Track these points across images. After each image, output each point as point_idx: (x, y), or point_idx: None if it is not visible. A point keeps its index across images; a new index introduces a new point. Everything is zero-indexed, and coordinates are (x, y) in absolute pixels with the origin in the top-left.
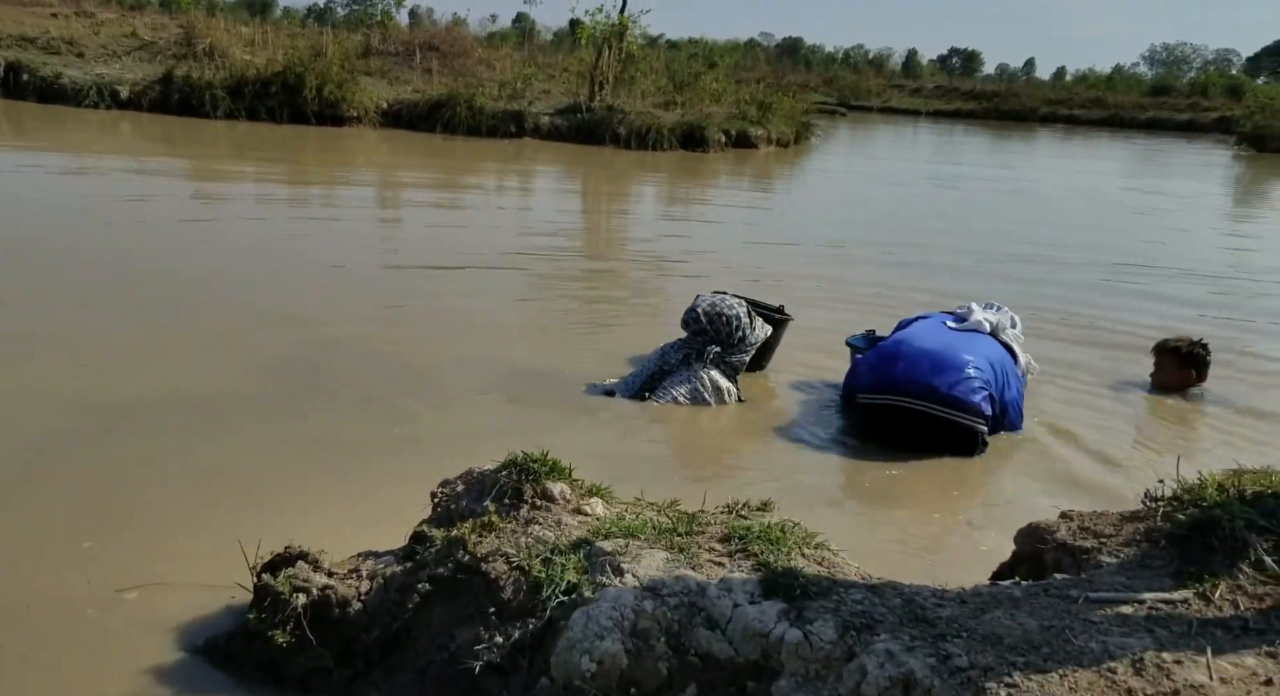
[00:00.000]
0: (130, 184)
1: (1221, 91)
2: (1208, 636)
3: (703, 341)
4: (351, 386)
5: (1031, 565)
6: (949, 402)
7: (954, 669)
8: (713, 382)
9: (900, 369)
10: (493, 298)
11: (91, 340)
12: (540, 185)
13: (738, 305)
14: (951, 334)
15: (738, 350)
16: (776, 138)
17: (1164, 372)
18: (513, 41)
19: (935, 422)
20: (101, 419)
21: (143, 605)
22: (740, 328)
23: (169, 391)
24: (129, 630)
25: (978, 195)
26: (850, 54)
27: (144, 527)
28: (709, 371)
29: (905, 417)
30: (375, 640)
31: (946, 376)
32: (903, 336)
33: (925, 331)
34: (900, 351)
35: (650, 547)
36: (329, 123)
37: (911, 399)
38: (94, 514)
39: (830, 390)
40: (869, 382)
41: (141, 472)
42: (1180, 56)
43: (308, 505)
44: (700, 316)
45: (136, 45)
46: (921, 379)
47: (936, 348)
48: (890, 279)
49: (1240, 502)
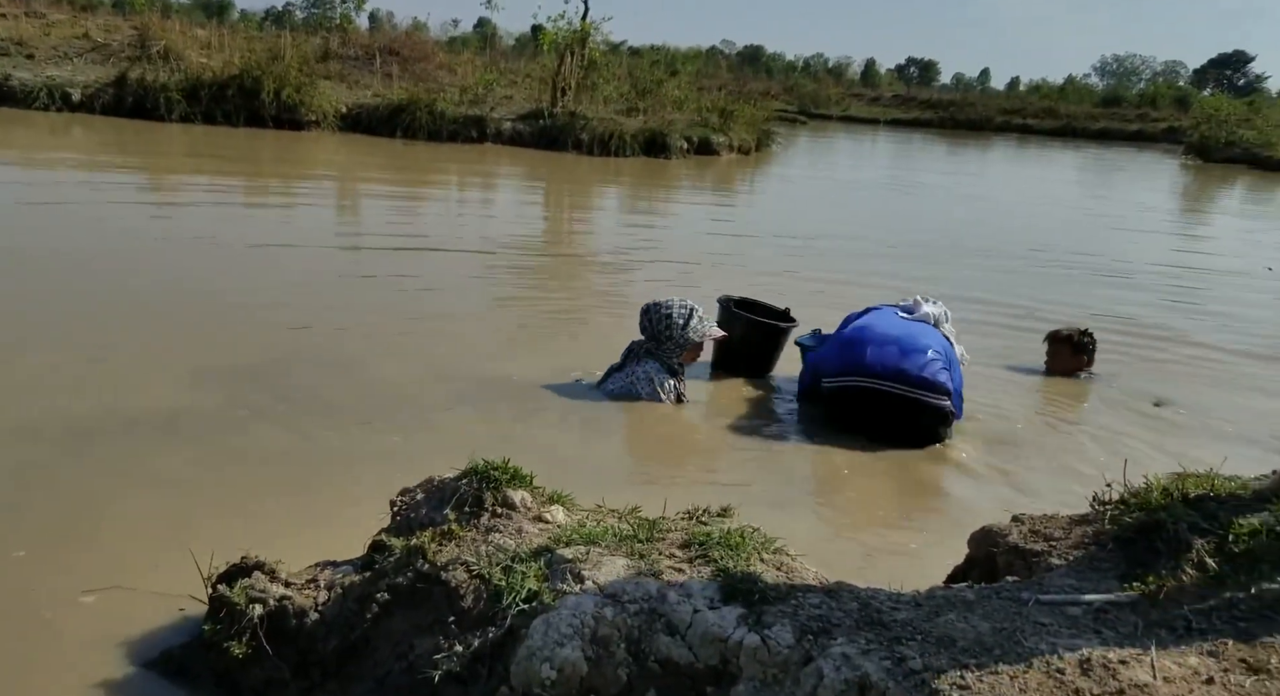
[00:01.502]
0: (78, 187)
1: (1170, 102)
2: (1152, 636)
3: (645, 339)
4: (310, 395)
5: (984, 568)
6: (920, 384)
7: (908, 671)
8: (646, 376)
9: (869, 353)
10: (454, 302)
11: (36, 355)
12: (503, 190)
13: (679, 306)
14: (908, 323)
15: (665, 346)
16: (738, 145)
17: (1058, 359)
18: (474, 47)
19: (905, 404)
20: (55, 438)
21: (95, 619)
22: (669, 326)
23: (122, 405)
24: (79, 646)
25: (934, 199)
26: (810, 62)
27: (99, 540)
28: (645, 366)
29: (874, 400)
30: (333, 650)
31: (914, 358)
32: (864, 323)
33: (884, 320)
34: (866, 336)
35: (611, 554)
36: (287, 127)
37: (883, 381)
38: (46, 527)
39: (786, 389)
40: (836, 366)
41: (96, 486)
42: (1130, 68)
43: (266, 516)
44: (641, 316)
45: (89, 47)
46: (892, 362)
47: (900, 334)
48: (846, 275)
49: (1183, 505)
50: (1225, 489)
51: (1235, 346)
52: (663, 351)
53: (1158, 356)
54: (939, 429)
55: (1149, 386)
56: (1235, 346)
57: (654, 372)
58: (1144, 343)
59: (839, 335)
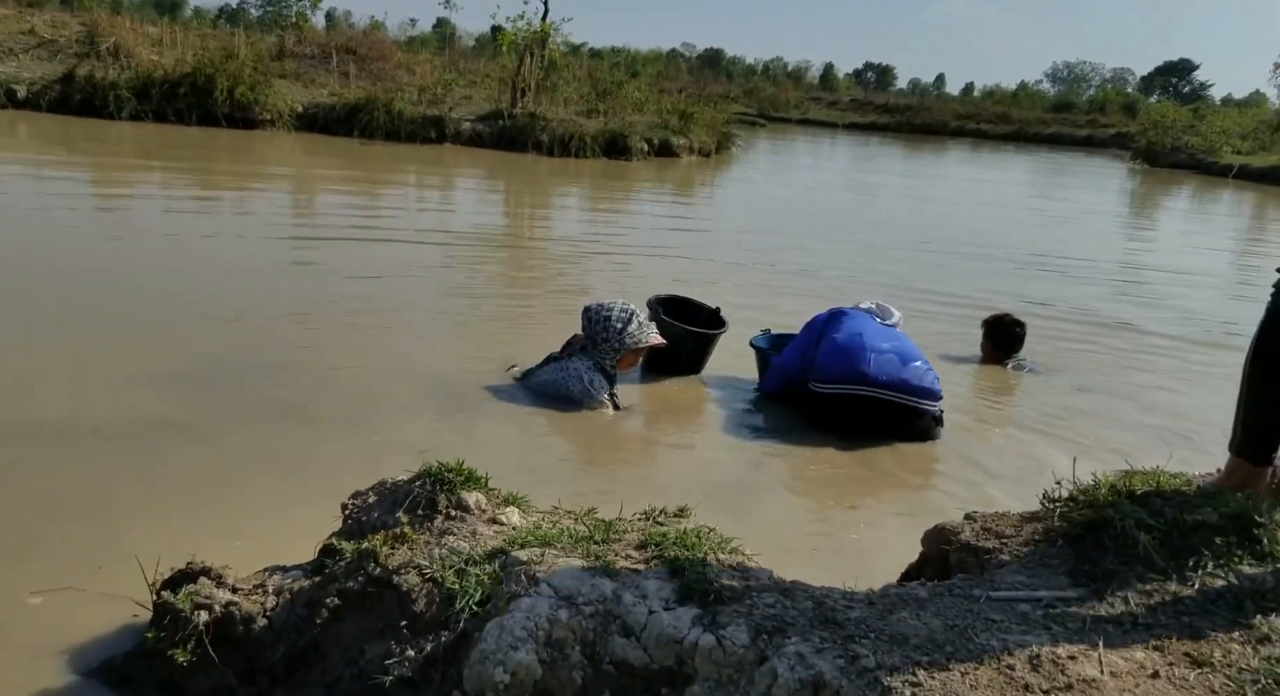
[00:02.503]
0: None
1: (1118, 109)
2: (1100, 632)
3: (585, 338)
4: (260, 397)
5: (938, 565)
6: (920, 393)
7: (861, 669)
8: (578, 373)
9: (871, 362)
10: (406, 300)
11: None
12: (461, 190)
13: (622, 311)
14: (893, 331)
15: (600, 346)
16: (698, 147)
17: (991, 345)
18: (433, 46)
19: (906, 412)
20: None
21: (36, 627)
22: (606, 328)
23: (65, 408)
24: (17, 655)
25: (890, 201)
26: (770, 66)
27: (40, 546)
28: (578, 363)
29: (875, 408)
30: (281, 657)
31: (914, 368)
32: (856, 330)
33: (871, 327)
34: (864, 344)
35: (566, 556)
36: (240, 125)
37: (886, 390)
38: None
39: (737, 388)
40: (835, 374)
41: (40, 491)
42: (1080, 74)
43: (213, 520)
44: (583, 314)
45: (35, 43)
46: (894, 372)
47: (894, 344)
48: (791, 275)
49: (1130, 502)
50: (1170, 486)
51: (1171, 333)
52: (598, 352)
53: (1086, 345)
54: (933, 430)
55: (1075, 375)
56: (1171, 333)
57: (584, 371)
58: (1079, 331)
59: (836, 340)
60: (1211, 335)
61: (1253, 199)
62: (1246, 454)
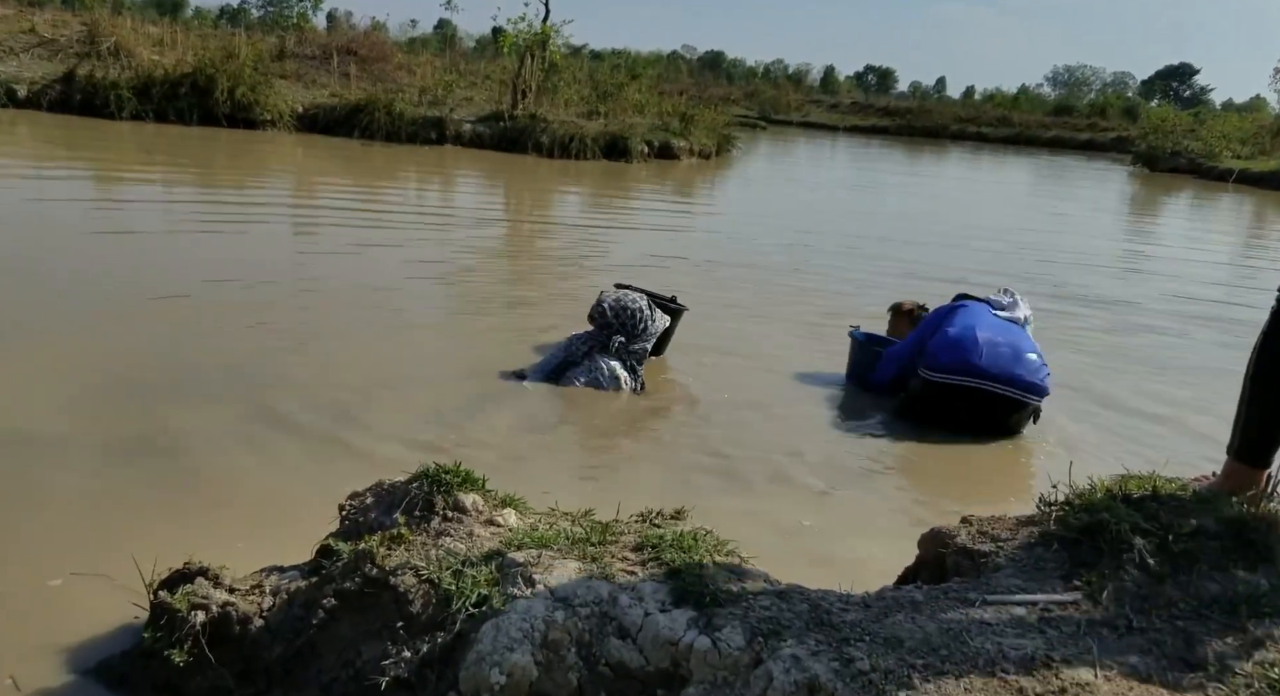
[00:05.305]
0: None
1: (1119, 113)
2: (1094, 635)
3: (608, 334)
4: (259, 398)
5: (934, 569)
6: (1030, 389)
7: (856, 672)
8: (611, 372)
9: (985, 356)
10: (408, 302)
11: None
12: (462, 191)
13: (640, 299)
14: (1007, 324)
15: (640, 339)
16: (698, 149)
17: (897, 329)
18: (434, 48)
19: (1010, 405)
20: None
21: (32, 629)
22: (643, 319)
23: (70, 409)
24: (13, 654)
25: (893, 201)
26: (770, 68)
27: (41, 544)
28: (610, 361)
29: (980, 400)
30: (278, 658)
31: (1026, 364)
32: (970, 323)
33: (986, 319)
34: (978, 337)
35: (563, 558)
36: (241, 126)
37: (996, 383)
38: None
39: (737, 387)
40: (946, 365)
41: (39, 492)
42: (1080, 78)
43: (211, 521)
44: (606, 311)
45: (35, 42)
46: (1006, 366)
47: (1008, 338)
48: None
49: (1126, 506)
50: (1166, 490)
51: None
52: (634, 342)
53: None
54: (1023, 423)
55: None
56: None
57: (618, 369)
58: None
59: (949, 333)
60: (1211, 335)
61: (1252, 203)
62: (1244, 458)
